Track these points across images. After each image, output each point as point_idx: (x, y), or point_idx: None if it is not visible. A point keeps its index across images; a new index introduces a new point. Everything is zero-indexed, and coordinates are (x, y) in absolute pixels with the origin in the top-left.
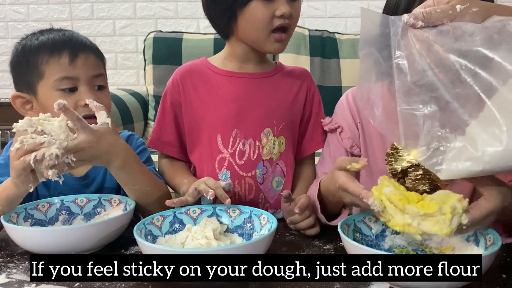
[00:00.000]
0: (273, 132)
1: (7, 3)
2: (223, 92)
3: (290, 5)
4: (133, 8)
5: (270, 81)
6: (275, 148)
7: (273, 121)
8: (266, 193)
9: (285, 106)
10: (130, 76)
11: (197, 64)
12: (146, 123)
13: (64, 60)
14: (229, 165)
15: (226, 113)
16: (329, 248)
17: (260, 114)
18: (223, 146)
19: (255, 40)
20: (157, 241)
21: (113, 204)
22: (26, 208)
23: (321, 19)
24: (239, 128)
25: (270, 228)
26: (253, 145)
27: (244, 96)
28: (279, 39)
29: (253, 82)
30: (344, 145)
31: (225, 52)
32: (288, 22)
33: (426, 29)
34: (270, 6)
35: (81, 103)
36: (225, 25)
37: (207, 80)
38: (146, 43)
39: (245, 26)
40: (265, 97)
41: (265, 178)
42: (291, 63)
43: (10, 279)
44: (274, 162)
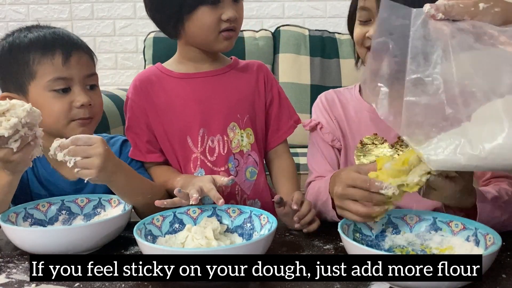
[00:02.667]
0: (239, 125)
1: (7, 3)
2: (183, 95)
3: (235, 7)
4: (133, 8)
5: (227, 77)
6: (243, 140)
7: (237, 115)
8: (241, 185)
9: (245, 99)
10: (130, 76)
11: (153, 70)
12: None
13: (57, 60)
14: (202, 164)
15: (190, 114)
16: (329, 248)
17: (223, 110)
18: (194, 146)
19: (204, 43)
20: (157, 241)
21: (112, 204)
22: (26, 207)
23: (321, 19)
24: (205, 127)
25: (270, 228)
26: (222, 140)
27: (204, 95)
28: (227, 37)
29: (210, 80)
30: (326, 139)
31: (177, 55)
32: (234, 25)
33: (447, 23)
34: (216, 11)
35: (76, 105)
36: (171, 29)
37: (166, 85)
38: (146, 43)
39: (193, 30)
40: (225, 93)
41: (238, 171)
42: (291, 63)
43: (10, 279)
44: (246, 154)
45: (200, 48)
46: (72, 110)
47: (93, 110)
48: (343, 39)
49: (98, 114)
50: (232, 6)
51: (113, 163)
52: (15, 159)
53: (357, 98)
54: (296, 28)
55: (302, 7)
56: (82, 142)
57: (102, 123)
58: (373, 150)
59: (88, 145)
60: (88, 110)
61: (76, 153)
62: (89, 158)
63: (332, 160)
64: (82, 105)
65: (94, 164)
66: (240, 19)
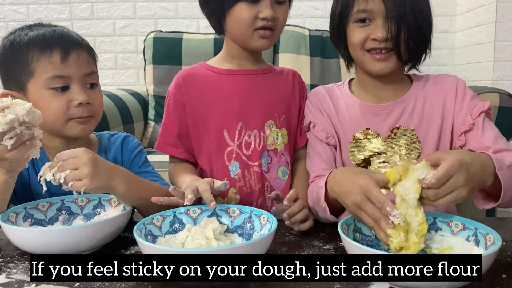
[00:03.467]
0: (275, 124)
1: (7, 3)
2: (225, 89)
3: (275, 8)
4: (133, 8)
5: (267, 78)
6: (278, 139)
7: (274, 114)
8: (271, 182)
9: (283, 100)
10: (130, 76)
11: (197, 68)
12: (146, 123)
13: (55, 58)
14: (237, 157)
15: (230, 108)
16: (329, 248)
17: (261, 107)
18: (230, 139)
19: (241, 38)
20: (157, 241)
21: (112, 204)
22: (25, 207)
23: (321, 19)
24: (244, 121)
25: (270, 228)
26: (258, 136)
27: (245, 91)
28: (263, 36)
29: (251, 78)
30: (320, 137)
31: (222, 53)
32: (271, 24)
33: None
34: (254, 8)
35: (74, 103)
36: (215, 24)
37: (209, 80)
38: (146, 43)
39: (232, 25)
40: (264, 91)
41: (270, 167)
42: (291, 63)
43: (10, 279)
44: (279, 152)
45: (240, 45)
46: (70, 108)
47: (92, 109)
48: None
49: (98, 113)
50: (271, 6)
51: (105, 168)
52: (8, 157)
53: (347, 94)
54: (296, 28)
55: (302, 7)
56: (66, 156)
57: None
58: (367, 145)
59: (73, 157)
60: (87, 109)
61: (63, 168)
62: (77, 169)
63: (328, 158)
64: (80, 103)
65: (83, 173)
66: (280, 21)
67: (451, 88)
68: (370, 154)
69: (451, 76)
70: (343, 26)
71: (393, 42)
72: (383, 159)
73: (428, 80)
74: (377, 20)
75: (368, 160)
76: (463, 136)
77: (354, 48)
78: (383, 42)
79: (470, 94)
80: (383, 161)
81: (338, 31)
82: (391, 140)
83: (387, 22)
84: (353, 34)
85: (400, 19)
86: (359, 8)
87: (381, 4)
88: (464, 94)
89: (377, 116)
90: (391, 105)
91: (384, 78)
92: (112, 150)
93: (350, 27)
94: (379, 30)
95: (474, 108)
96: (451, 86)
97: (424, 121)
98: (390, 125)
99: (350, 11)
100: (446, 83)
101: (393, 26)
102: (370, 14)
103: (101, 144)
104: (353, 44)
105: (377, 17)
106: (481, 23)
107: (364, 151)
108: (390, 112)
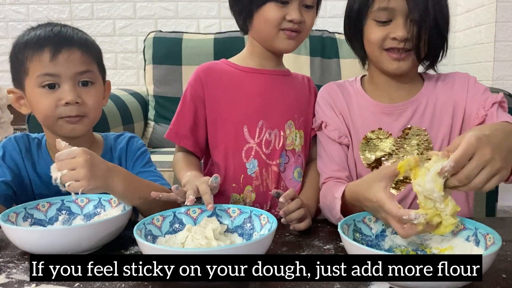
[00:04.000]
0: (295, 124)
1: (7, 3)
2: (248, 87)
3: (303, 12)
4: (133, 8)
5: (287, 80)
6: (297, 140)
7: (294, 115)
8: (287, 182)
9: (302, 103)
10: (130, 76)
11: (218, 63)
12: (146, 123)
13: (45, 56)
14: (256, 154)
15: (252, 106)
16: (329, 248)
17: (282, 107)
18: (250, 137)
19: (267, 38)
20: (157, 241)
21: (112, 204)
22: (25, 207)
23: (321, 19)
24: (265, 119)
25: (270, 228)
26: (278, 135)
27: (267, 90)
28: (289, 36)
29: (274, 79)
30: (332, 137)
31: (245, 51)
32: (297, 28)
33: None
34: (283, 10)
35: (61, 102)
36: (242, 23)
37: (230, 76)
38: (146, 43)
39: (258, 24)
40: (285, 92)
41: (286, 167)
42: (291, 63)
43: (10, 279)
44: (297, 153)
45: (264, 45)
46: (59, 107)
47: (83, 109)
48: (343, 39)
49: (90, 112)
50: (299, 9)
51: (102, 168)
52: None
53: (359, 92)
54: None
55: None
56: (64, 156)
57: (102, 123)
58: (378, 145)
59: (71, 157)
60: (76, 108)
61: (61, 167)
62: (74, 170)
63: (340, 159)
64: (67, 103)
65: (80, 174)
66: (307, 25)
67: (462, 85)
68: (381, 154)
69: (461, 73)
70: (360, 23)
71: (414, 42)
72: (395, 160)
73: (439, 79)
74: (398, 19)
75: (380, 160)
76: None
77: (371, 46)
78: (402, 42)
79: (482, 88)
80: (395, 162)
81: (355, 27)
82: (403, 140)
83: (408, 22)
84: (372, 31)
85: (421, 20)
86: (380, 6)
87: (404, 3)
88: (475, 89)
89: (390, 116)
90: (403, 104)
91: (399, 77)
92: (117, 150)
93: (368, 24)
94: (399, 30)
95: (486, 101)
96: (462, 84)
97: (436, 121)
98: (402, 125)
99: (370, 8)
100: (456, 81)
101: (414, 26)
102: (391, 13)
103: (107, 144)
104: (371, 42)
105: (398, 16)
106: (481, 23)
107: (375, 151)
108: (402, 111)
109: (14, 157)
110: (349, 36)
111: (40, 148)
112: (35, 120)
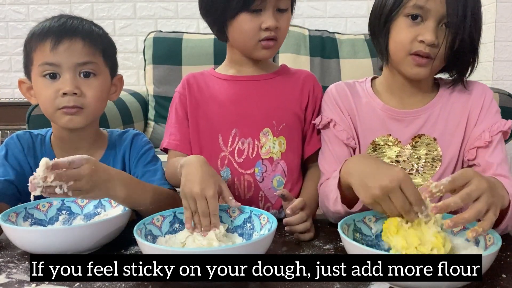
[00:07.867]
0: (272, 132)
1: (7, 3)
2: (223, 95)
3: (277, 17)
4: (133, 8)
5: (270, 84)
6: (274, 147)
7: (272, 122)
8: (266, 192)
9: (286, 107)
10: (130, 76)
11: (204, 72)
12: (146, 123)
13: (47, 46)
14: (229, 163)
15: (227, 114)
16: (329, 248)
17: (259, 114)
18: (224, 145)
19: (244, 48)
20: (157, 241)
21: (112, 204)
22: (26, 207)
23: (321, 19)
24: (238, 128)
25: (270, 228)
26: (252, 144)
27: (243, 98)
28: (266, 47)
29: (252, 85)
30: (340, 137)
31: (226, 59)
32: (274, 35)
33: None
34: (256, 19)
35: (60, 93)
36: (217, 32)
37: (211, 85)
38: (146, 43)
39: (234, 35)
40: (265, 98)
41: (264, 177)
42: (291, 63)
43: (10, 279)
44: (275, 161)
45: (243, 53)
46: (58, 98)
47: (82, 100)
48: (343, 39)
49: (90, 105)
50: (273, 15)
51: (105, 178)
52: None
53: (370, 94)
54: (296, 28)
55: (302, 7)
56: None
57: (102, 123)
58: (386, 152)
59: (74, 167)
60: (74, 99)
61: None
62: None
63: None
64: (65, 93)
65: (82, 186)
66: (282, 29)
67: (479, 99)
68: (388, 161)
69: (480, 84)
70: (390, 18)
71: (446, 50)
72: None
73: (456, 87)
74: (429, 21)
75: None
76: (475, 150)
77: (397, 45)
78: (429, 47)
79: (494, 109)
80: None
81: (384, 23)
82: (412, 148)
83: (438, 27)
84: (401, 30)
85: (458, 27)
86: (416, 3)
87: (442, 7)
88: (489, 107)
89: (400, 122)
90: (415, 112)
91: (415, 83)
92: (121, 147)
93: (398, 21)
94: (429, 33)
95: (494, 125)
96: (479, 97)
97: (448, 131)
98: (413, 133)
99: (406, 3)
100: (474, 91)
101: (450, 32)
102: (425, 13)
103: (111, 140)
104: (399, 41)
105: (431, 19)
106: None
107: (382, 158)
108: (414, 119)
109: (17, 155)
110: (374, 30)
111: (44, 145)
112: (35, 120)
